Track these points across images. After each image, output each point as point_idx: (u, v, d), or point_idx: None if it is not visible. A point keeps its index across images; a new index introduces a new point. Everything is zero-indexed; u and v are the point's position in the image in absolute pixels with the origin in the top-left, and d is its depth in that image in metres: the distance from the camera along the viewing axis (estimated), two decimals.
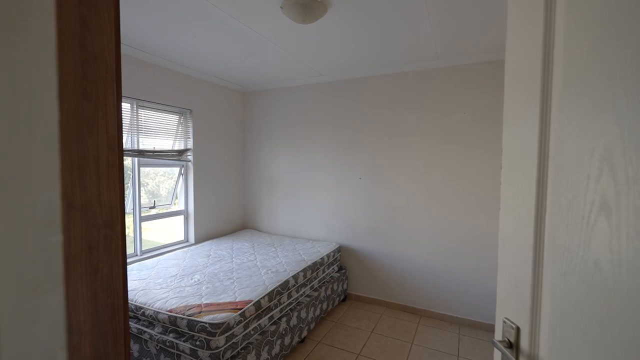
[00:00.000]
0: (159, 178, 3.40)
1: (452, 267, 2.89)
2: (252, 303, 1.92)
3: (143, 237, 3.44)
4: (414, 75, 2.97)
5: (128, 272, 2.38)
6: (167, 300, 1.93)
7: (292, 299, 2.36)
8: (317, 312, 2.68)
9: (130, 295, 2.02)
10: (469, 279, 2.83)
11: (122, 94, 2.55)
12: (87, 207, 0.76)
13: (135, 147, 2.79)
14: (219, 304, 1.88)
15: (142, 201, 3.00)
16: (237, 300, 1.94)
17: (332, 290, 2.95)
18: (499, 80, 2.63)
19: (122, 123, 0.84)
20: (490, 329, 2.76)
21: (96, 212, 0.78)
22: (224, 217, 3.76)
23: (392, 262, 3.16)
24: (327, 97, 3.42)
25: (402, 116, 3.04)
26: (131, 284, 2.19)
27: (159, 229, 3.44)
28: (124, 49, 2.54)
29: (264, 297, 2.03)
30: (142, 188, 3.39)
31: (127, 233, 2.97)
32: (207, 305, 1.87)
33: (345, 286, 3.27)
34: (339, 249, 3.28)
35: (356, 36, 2.33)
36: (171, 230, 3.45)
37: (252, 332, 1.94)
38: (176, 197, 3.42)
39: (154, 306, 1.89)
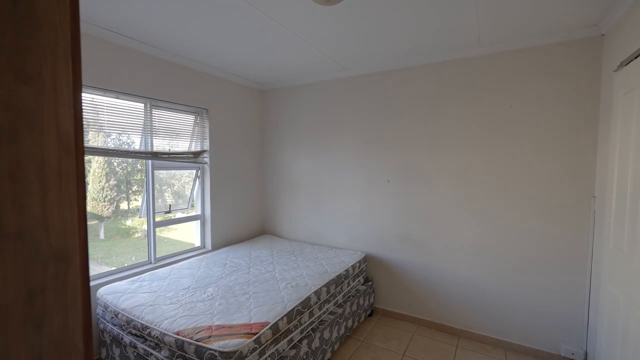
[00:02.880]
0: (185, 179, 3.27)
1: (498, 283, 2.52)
2: (268, 326, 1.68)
3: (170, 236, 3.32)
4: (452, 65, 2.63)
5: (139, 284, 2.22)
6: (175, 320, 1.73)
7: (314, 317, 2.11)
8: (342, 330, 2.41)
9: (137, 312, 1.84)
10: (518, 297, 2.45)
11: (135, 93, 2.38)
12: (25, 234, 0.53)
13: (149, 149, 2.65)
14: (231, 327, 1.66)
15: (160, 204, 2.86)
16: (251, 322, 1.71)
17: (357, 306, 2.67)
18: (553, 66, 2.25)
19: (81, 115, 0.61)
20: (543, 356, 2.37)
21: (41, 240, 0.55)
22: (242, 222, 3.58)
23: (426, 274, 2.83)
24: (352, 93, 3.14)
25: (438, 112, 2.71)
26: (140, 297, 2.02)
27: (185, 229, 3.32)
28: (133, 44, 2.39)
29: (282, 318, 1.78)
30: (169, 189, 3.30)
31: (144, 235, 2.84)
32: (218, 327, 1.65)
33: (372, 300, 2.97)
34: (365, 259, 2.99)
35: (385, 21, 2.04)
36: (196, 230, 3.31)
37: None
38: (193, 201, 3.27)
39: (161, 326, 1.69)
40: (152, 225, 2.72)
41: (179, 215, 3.19)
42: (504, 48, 2.40)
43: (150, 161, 2.69)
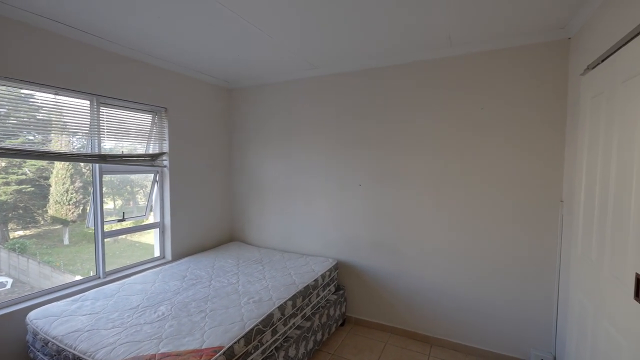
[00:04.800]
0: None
1: (470, 289, 2.47)
2: (221, 351, 1.50)
3: (142, 240, 3.05)
4: (423, 66, 2.55)
5: (80, 303, 1.97)
6: (114, 348, 1.52)
7: (277, 334, 1.95)
8: (310, 345, 2.26)
9: (70, 339, 1.60)
10: (490, 303, 2.41)
11: (78, 89, 2.11)
12: None
13: (96, 151, 2.38)
14: (178, 354, 1.46)
15: (130, 209, 2.61)
16: (203, 347, 1.52)
17: (327, 317, 2.53)
18: (521, 69, 2.22)
19: None
20: None
21: None
22: (207, 230, 3.35)
23: (399, 281, 2.74)
24: (323, 92, 3.00)
25: (410, 114, 2.62)
26: (77, 320, 1.77)
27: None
28: (75, 35, 2.12)
29: (238, 340, 1.61)
30: (141, 191, 3.05)
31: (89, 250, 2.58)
32: (163, 356, 1.45)
33: (343, 309, 2.85)
34: (337, 266, 2.86)
35: (353, 18, 1.92)
36: (155, 240, 3.07)
37: None
38: (151, 208, 3.02)
39: (96, 357, 1.47)
40: (101, 235, 2.46)
41: (150, 220, 2.95)
42: (474, 49, 2.34)
43: (97, 165, 2.42)
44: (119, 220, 2.70)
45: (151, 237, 3.04)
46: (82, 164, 2.53)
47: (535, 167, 2.22)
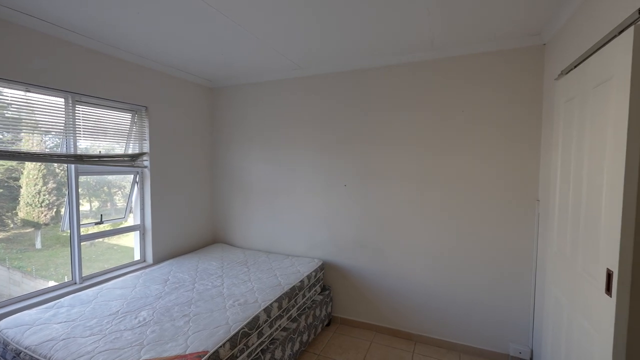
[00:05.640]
0: None
1: (452, 287, 2.54)
2: (206, 356, 1.47)
3: (120, 243, 2.95)
4: (407, 68, 2.60)
5: (54, 311, 1.88)
6: (92, 357, 1.46)
7: (264, 337, 1.93)
8: (296, 346, 2.25)
9: (44, 349, 1.53)
10: (471, 300, 2.48)
11: (51, 87, 2.01)
12: None
13: (72, 151, 2.28)
14: None
15: (108, 211, 2.50)
16: (187, 353, 1.49)
17: (314, 317, 2.53)
18: (500, 73, 2.30)
19: None
20: (494, 356, 2.42)
21: None
22: (190, 231, 3.27)
23: (384, 280, 2.78)
24: (308, 93, 3.00)
25: (394, 114, 2.66)
26: (52, 329, 1.69)
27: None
28: (47, 29, 2.02)
29: (224, 344, 1.58)
30: (119, 192, 2.94)
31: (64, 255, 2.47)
32: None
33: (329, 309, 2.86)
34: (322, 267, 2.86)
35: (336, 19, 1.93)
36: (135, 242, 2.97)
37: None
38: (131, 210, 2.92)
39: None
40: (77, 239, 2.36)
41: (130, 222, 2.85)
42: (455, 53, 2.41)
43: (73, 166, 2.32)
44: (97, 223, 2.60)
45: (131, 240, 2.94)
46: (55, 164, 2.42)
47: (513, 168, 2.31)
